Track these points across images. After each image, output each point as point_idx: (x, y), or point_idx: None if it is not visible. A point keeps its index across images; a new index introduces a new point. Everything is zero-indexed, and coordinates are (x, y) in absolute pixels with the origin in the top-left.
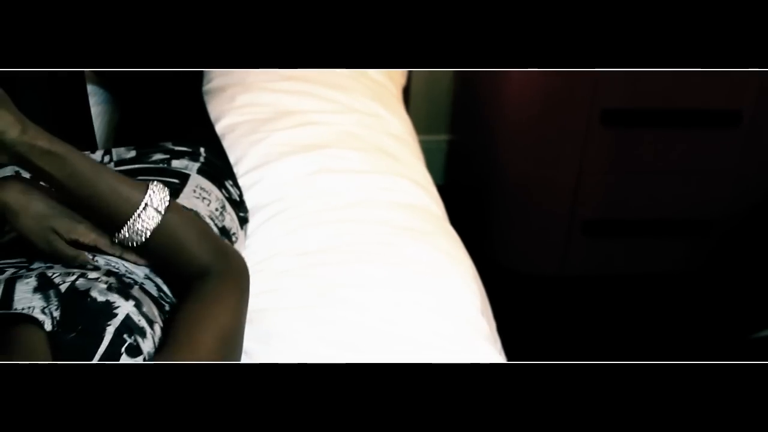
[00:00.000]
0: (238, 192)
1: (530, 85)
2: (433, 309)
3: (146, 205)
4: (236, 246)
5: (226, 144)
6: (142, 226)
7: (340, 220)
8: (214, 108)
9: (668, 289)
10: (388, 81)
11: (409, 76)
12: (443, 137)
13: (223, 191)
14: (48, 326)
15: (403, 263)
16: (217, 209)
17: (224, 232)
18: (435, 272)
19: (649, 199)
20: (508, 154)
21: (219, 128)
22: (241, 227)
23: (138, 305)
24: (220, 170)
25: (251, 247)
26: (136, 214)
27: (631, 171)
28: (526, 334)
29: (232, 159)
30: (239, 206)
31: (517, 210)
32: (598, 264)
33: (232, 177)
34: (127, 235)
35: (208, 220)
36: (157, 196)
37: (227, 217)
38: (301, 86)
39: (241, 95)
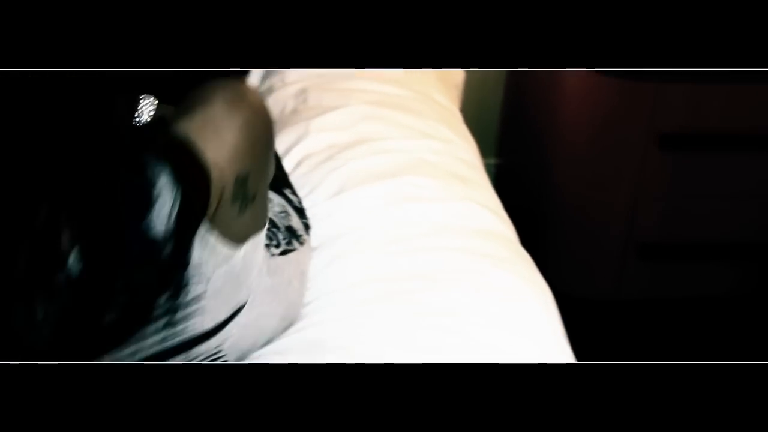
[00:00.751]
0: (297, 199)
1: (585, 106)
2: (521, 334)
3: None
4: (303, 249)
5: (304, 170)
6: None
7: (420, 249)
8: (290, 132)
9: (725, 312)
10: (451, 104)
11: None
12: (491, 161)
13: (283, 198)
14: None
15: (486, 289)
16: (281, 212)
17: (291, 231)
18: (518, 298)
19: (706, 222)
20: (562, 177)
21: (296, 154)
22: (306, 232)
23: None
24: (277, 179)
25: (332, 275)
26: None
27: (688, 194)
28: (580, 357)
29: (309, 186)
30: (300, 212)
31: (571, 233)
32: (653, 287)
33: (290, 186)
34: None
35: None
36: None
37: (293, 219)
38: (375, 110)
39: (316, 119)
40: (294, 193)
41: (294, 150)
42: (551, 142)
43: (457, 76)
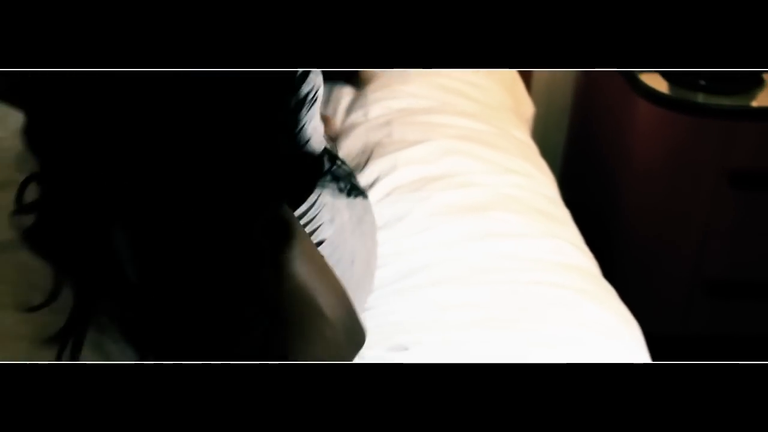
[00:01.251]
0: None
1: (654, 142)
2: None
3: None
4: (366, 203)
5: (393, 199)
6: None
7: (513, 281)
8: (378, 164)
9: None
10: (528, 139)
11: None
12: None
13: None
14: None
15: (582, 324)
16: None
17: (353, 185)
18: (612, 333)
19: None
20: (629, 212)
21: (385, 185)
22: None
23: None
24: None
25: (428, 300)
26: None
27: (757, 232)
28: None
29: (397, 216)
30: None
31: (638, 268)
32: (720, 324)
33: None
34: None
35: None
36: None
37: (353, 179)
38: (458, 145)
39: (403, 152)
40: (344, 163)
41: (383, 181)
42: (619, 178)
43: (527, 110)
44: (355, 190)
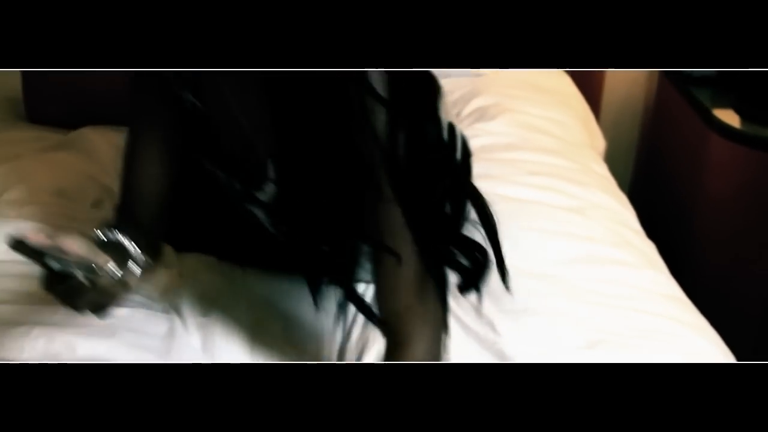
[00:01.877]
0: None
1: (726, 177)
2: None
3: None
4: None
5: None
6: None
7: (614, 306)
8: None
9: None
10: (608, 173)
11: None
12: None
13: None
14: None
15: (684, 353)
16: None
17: None
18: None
19: None
20: (700, 245)
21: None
22: None
23: None
24: None
25: (527, 325)
26: None
27: None
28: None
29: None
30: None
31: (708, 300)
32: None
33: None
34: None
35: None
36: None
37: None
38: (539, 180)
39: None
40: None
41: None
42: (690, 211)
43: (600, 144)
44: None
